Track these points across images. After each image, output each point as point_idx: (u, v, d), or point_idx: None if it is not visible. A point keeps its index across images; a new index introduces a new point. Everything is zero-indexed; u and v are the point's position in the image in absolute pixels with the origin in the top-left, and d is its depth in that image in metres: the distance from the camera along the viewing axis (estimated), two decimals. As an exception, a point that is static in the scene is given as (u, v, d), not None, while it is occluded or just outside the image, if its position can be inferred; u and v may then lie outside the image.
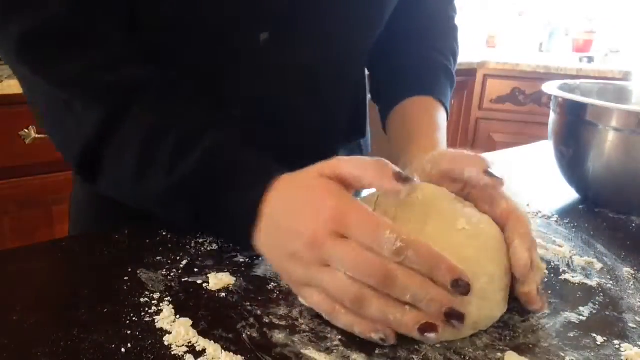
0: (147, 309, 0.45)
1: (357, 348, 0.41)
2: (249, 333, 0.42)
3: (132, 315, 0.44)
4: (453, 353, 0.42)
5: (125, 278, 0.49)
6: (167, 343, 0.41)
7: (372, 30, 0.69)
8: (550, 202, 0.76)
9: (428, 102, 0.70)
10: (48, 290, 0.48)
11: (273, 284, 0.50)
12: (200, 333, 0.42)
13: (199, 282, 0.50)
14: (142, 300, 0.46)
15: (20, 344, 0.40)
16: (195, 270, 0.52)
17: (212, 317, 0.44)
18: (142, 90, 0.52)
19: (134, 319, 0.43)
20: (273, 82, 0.63)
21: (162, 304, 0.45)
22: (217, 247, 0.57)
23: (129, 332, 0.42)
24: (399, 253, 0.40)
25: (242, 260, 0.54)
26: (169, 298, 0.47)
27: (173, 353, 0.39)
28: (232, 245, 0.56)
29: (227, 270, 0.51)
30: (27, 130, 1.52)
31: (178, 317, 0.44)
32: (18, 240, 1.62)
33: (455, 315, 0.41)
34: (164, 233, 0.59)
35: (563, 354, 0.42)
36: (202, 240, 0.58)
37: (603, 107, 0.71)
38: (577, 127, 0.74)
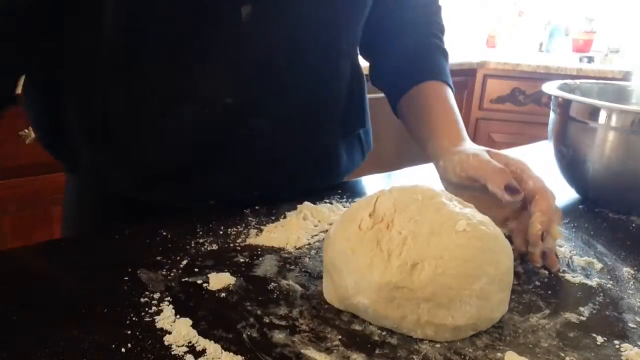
0: (147, 309, 0.45)
1: (357, 348, 0.41)
2: (249, 333, 0.42)
3: (132, 315, 0.44)
4: (453, 353, 0.42)
5: (125, 278, 0.49)
6: (167, 343, 0.41)
7: (354, 8, 0.69)
8: (550, 202, 0.76)
9: (438, 87, 0.73)
10: (48, 290, 0.48)
11: (273, 284, 0.50)
12: (200, 333, 0.42)
13: (199, 282, 0.50)
14: (142, 300, 0.46)
15: (20, 344, 0.40)
16: (195, 270, 0.52)
17: (212, 317, 0.44)
18: None
19: (134, 319, 0.43)
20: (259, 59, 0.62)
21: (162, 304, 0.45)
22: (217, 247, 0.57)
23: (129, 332, 0.42)
24: None
25: (242, 260, 0.54)
26: (169, 298, 0.47)
27: (173, 353, 0.39)
28: (232, 245, 0.56)
29: (227, 270, 0.51)
30: (27, 131, 1.53)
31: (178, 317, 0.44)
32: (18, 240, 1.62)
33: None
34: (164, 233, 0.59)
35: (563, 354, 0.42)
36: (202, 241, 0.58)
37: (603, 107, 0.71)
38: (577, 127, 0.74)
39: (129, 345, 0.40)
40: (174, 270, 0.51)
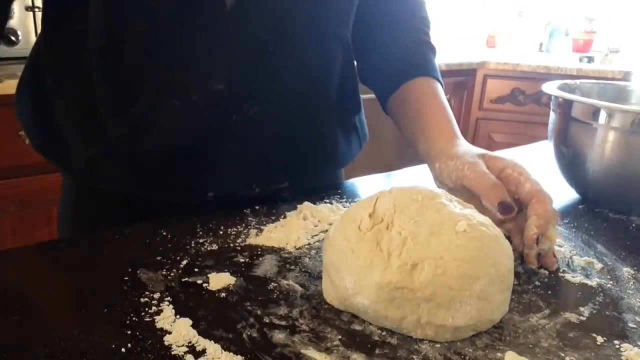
0: (147, 309, 0.45)
1: (357, 348, 0.41)
2: (249, 333, 0.42)
3: (132, 315, 0.44)
4: (453, 353, 0.42)
5: (125, 278, 0.49)
6: (167, 343, 0.41)
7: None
8: (550, 202, 0.76)
9: (428, 83, 0.73)
10: (48, 290, 0.48)
11: (273, 284, 0.50)
12: (200, 333, 0.42)
13: (199, 282, 0.50)
14: (142, 300, 0.46)
15: (20, 344, 0.40)
16: (195, 270, 0.52)
17: (212, 317, 0.44)
18: None
19: (134, 319, 0.43)
20: (246, 45, 0.62)
21: (162, 304, 0.45)
22: (217, 247, 0.57)
23: (129, 332, 0.42)
24: None
25: (242, 260, 0.54)
26: (169, 298, 0.47)
27: (173, 353, 0.39)
28: (232, 245, 0.57)
29: (227, 270, 0.51)
30: (27, 131, 1.53)
31: (178, 317, 0.44)
32: (18, 240, 1.62)
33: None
34: (164, 233, 0.59)
35: (563, 354, 0.42)
36: (202, 241, 0.58)
37: (603, 107, 0.71)
38: (577, 127, 0.74)
39: (129, 345, 0.40)
40: (174, 270, 0.51)
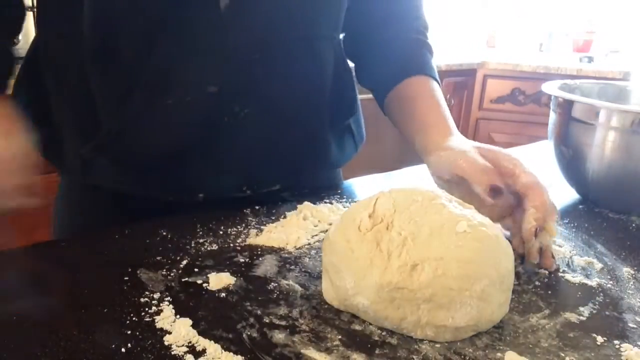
0: (147, 309, 0.45)
1: (357, 348, 0.41)
2: (249, 333, 0.42)
3: (132, 315, 0.44)
4: (453, 353, 0.42)
5: (125, 278, 0.49)
6: (167, 343, 0.41)
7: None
8: (550, 202, 0.76)
9: (424, 81, 0.73)
10: (48, 290, 0.48)
11: (273, 284, 0.50)
12: (200, 333, 0.42)
13: (199, 282, 0.50)
14: (142, 300, 0.46)
15: (20, 344, 0.40)
16: (195, 270, 0.52)
17: (212, 317, 0.44)
18: None
19: (134, 319, 0.43)
20: (239, 47, 0.62)
21: (162, 304, 0.45)
22: (217, 247, 0.57)
23: (129, 332, 0.42)
24: None
25: (242, 260, 0.54)
26: (169, 298, 0.47)
27: (173, 353, 0.39)
28: (232, 245, 0.56)
29: (227, 270, 0.51)
30: (27, 130, 1.53)
31: (178, 317, 0.44)
32: (18, 240, 1.62)
33: None
34: (164, 233, 0.59)
35: (563, 354, 0.42)
36: (202, 241, 0.58)
37: (603, 107, 0.71)
38: (577, 127, 0.74)
39: (129, 345, 0.40)
40: (174, 270, 0.51)
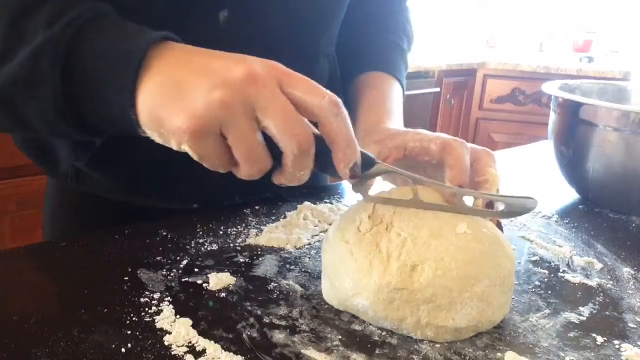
0: (147, 309, 0.45)
1: (357, 348, 0.41)
2: (249, 333, 0.42)
3: (132, 315, 0.44)
4: (453, 353, 0.42)
5: (125, 278, 0.49)
6: (167, 343, 0.41)
7: (329, 12, 0.69)
8: (550, 202, 0.76)
9: (379, 76, 0.73)
10: (48, 290, 0.48)
11: (273, 284, 0.50)
12: (200, 333, 0.42)
13: (199, 282, 0.50)
14: (142, 300, 0.46)
15: (20, 344, 0.40)
16: (195, 270, 0.52)
17: (212, 317, 0.44)
18: None
19: (134, 319, 0.43)
20: None
21: (162, 304, 0.45)
22: (217, 247, 0.57)
23: (129, 332, 0.42)
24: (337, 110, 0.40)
25: (242, 260, 0.54)
26: (169, 298, 0.47)
27: (173, 353, 0.39)
28: (232, 245, 0.56)
29: (227, 270, 0.51)
30: (27, 131, 1.53)
31: (178, 317, 0.44)
32: (18, 240, 1.62)
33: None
34: (164, 233, 0.59)
35: (563, 354, 0.42)
36: (202, 241, 0.58)
37: (603, 107, 0.71)
38: (577, 127, 0.74)
39: (129, 345, 0.40)
40: (174, 270, 0.51)
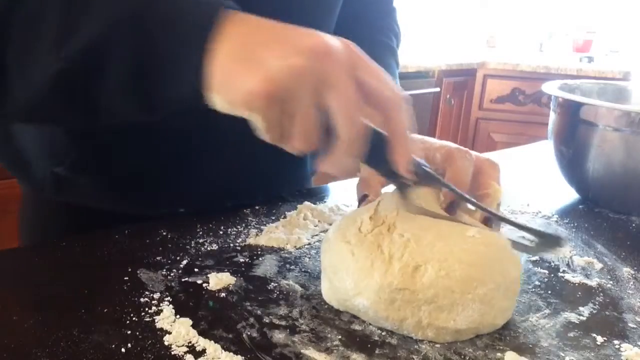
0: (147, 309, 0.45)
1: (357, 348, 0.41)
2: (249, 333, 0.42)
3: (132, 315, 0.44)
4: (453, 353, 0.42)
5: (125, 278, 0.49)
6: (167, 343, 0.41)
7: (328, 6, 0.69)
8: (550, 202, 0.76)
9: None
10: (48, 290, 0.48)
11: (273, 284, 0.50)
12: (200, 333, 0.42)
13: (199, 282, 0.50)
14: (142, 300, 0.46)
15: (20, 344, 0.40)
16: (195, 270, 0.52)
17: (212, 317, 0.44)
18: None
19: (134, 319, 0.43)
20: None
21: (162, 304, 0.45)
22: (217, 247, 0.57)
23: (129, 332, 0.42)
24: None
25: (242, 260, 0.54)
26: (169, 298, 0.47)
27: (173, 353, 0.39)
28: (232, 245, 0.56)
29: (227, 270, 0.51)
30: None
31: (178, 317, 0.44)
32: (18, 240, 1.62)
33: None
34: (164, 233, 0.59)
35: (563, 354, 0.42)
36: (202, 241, 0.58)
37: (603, 107, 0.71)
38: (577, 127, 0.74)
39: (129, 345, 0.40)
40: (174, 270, 0.51)
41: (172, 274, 0.51)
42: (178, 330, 0.42)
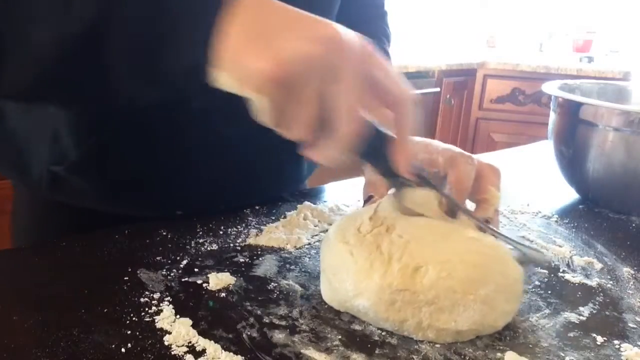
0: (147, 309, 0.45)
1: (357, 348, 0.41)
2: (249, 333, 0.42)
3: (132, 315, 0.44)
4: (453, 353, 0.42)
5: (125, 278, 0.49)
6: (167, 343, 0.41)
7: (328, 7, 0.69)
8: (550, 202, 0.76)
9: None
10: (48, 290, 0.48)
11: (273, 284, 0.50)
12: (200, 333, 0.42)
13: (199, 282, 0.50)
14: (142, 300, 0.46)
15: (20, 344, 0.40)
16: (195, 270, 0.52)
17: (212, 317, 0.44)
18: None
19: (134, 319, 0.43)
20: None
21: (162, 304, 0.45)
22: (217, 247, 0.57)
23: (129, 332, 0.42)
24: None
25: (242, 260, 0.54)
26: (169, 298, 0.47)
27: (173, 353, 0.39)
28: (232, 245, 0.56)
29: (227, 270, 0.51)
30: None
31: (178, 317, 0.44)
32: (11, 242, 1.61)
33: None
34: (164, 233, 0.59)
35: (563, 354, 0.42)
36: (202, 241, 0.58)
37: (603, 107, 0.71)
38: (577, 127, 0.74)
39: (129, 345, 0.40)
40: (174, 270, 0.51)
41: (172, 274, 0.51)
42: (178, 330, 0.42)
